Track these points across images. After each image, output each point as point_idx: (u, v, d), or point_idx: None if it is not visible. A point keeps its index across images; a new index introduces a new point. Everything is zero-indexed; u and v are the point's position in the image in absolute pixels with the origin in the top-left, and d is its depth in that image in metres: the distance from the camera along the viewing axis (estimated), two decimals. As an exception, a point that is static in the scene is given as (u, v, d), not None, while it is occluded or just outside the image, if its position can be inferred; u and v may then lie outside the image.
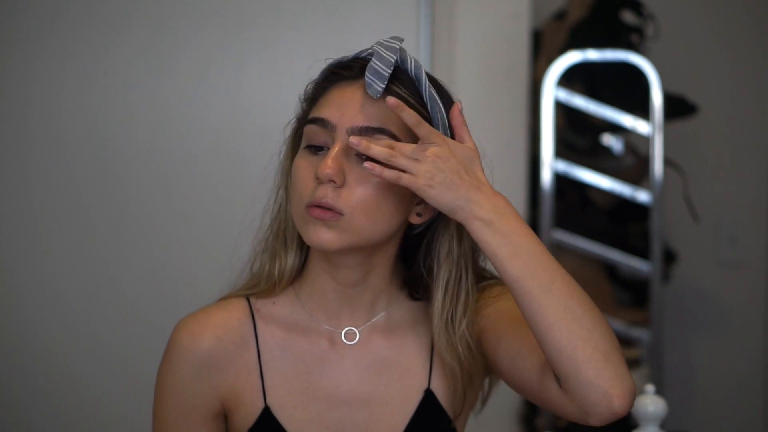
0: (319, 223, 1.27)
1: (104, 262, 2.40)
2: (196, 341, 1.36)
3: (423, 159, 1.24)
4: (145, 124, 2.41)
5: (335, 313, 1.37)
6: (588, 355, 1.22)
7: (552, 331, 1.22)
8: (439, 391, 1.38)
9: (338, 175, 1.26)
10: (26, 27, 2.36)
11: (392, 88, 1.28)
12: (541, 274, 1.24)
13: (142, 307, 2.42)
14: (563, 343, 1.22)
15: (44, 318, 2.40)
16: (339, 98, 1.29)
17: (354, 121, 1.27)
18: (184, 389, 1.36)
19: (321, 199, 1.26)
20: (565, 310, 1.23)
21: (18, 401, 2.40)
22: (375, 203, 1.27)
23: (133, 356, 2.41)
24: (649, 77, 2.59)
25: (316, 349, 1.36)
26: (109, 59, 2.39)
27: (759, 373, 3.07)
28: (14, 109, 2.38)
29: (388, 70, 1.27)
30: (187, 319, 1.39)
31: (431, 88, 1.30)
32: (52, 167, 2.39)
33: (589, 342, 1.22)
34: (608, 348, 1.23)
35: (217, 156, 2.42)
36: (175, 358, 1.37)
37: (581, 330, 1.22)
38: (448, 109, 1.32)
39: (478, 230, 1.24)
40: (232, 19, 2.42)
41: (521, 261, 1.24)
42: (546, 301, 1.23)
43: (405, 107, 1.24)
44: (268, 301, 1.38)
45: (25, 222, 2.39)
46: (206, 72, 2.42)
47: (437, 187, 1.23)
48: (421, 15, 2.46)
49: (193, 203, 2.43)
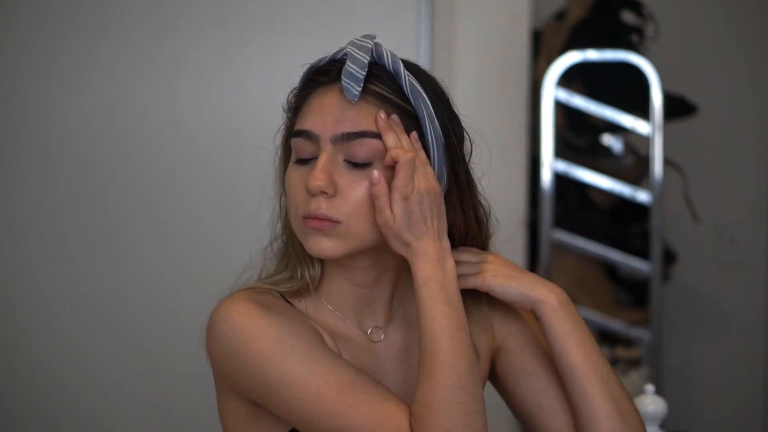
0: (318, 233, 1.27)
1: (107, 262, 2.41)
2: (257, 303, 1.27)
3: (482, 260, 1.34)
4: (149, 125, 2.41)
5: (357, 314, 1.36)
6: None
7: (602, 422, 1.30)
8: None
9: (328, 186, 1.26)
10: (36, 29, 2.36)
11: (370, 87, 1.27)
12: (601, 366, 1.32)
13: (145, 305, 2.42)
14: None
15: (44, 318, 2.40)
16: (320, 107, 1.28)
17: (336, 129, 1.26)
18: (292, 328, 1.26)
19: (315, 211, 1.26)
20: (616, 405, 1.31)
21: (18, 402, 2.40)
22: (369, 206, 1.27)
23: (134, 356, 2.42)
24: (649, 77, 2.59)
25: (350, 348, 1.34)
26: (113, 61, 2.40)
27: (759, 373, 3.07)
28: (18, 109, 2.38)
29: (362, 72, 1.26)
30: (224, 302, 1.28)
31: (411, 79, 1.28)
32: (55, 167, 2.39)
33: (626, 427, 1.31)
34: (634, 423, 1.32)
35: (219, 156, 2.43)
36: (254, 322, 1.25)
37: (626, 426, 1.31)
38: (434, 97, 1.31)
39: (547, 315, 1.32)
40: (234, 21, 2.43)
41: (586, 349, 1.32)
42: (602, 392, 1.31)
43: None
44: (298, 301, 1.36)
45: (26, 221, 2.39)
46: (209, 73, 2.43)
47: (501, 278, 1.34)
48: (421, 15, 2.46)
49: (196, 203, 2.43)
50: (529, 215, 2.62)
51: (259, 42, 2.44)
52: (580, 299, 2.70)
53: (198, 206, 2.43)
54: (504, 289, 1.33)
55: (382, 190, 1.25)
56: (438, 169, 1.30)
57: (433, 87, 1.32)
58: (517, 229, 2.54)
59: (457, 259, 1.33)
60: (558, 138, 2.66)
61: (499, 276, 1.33)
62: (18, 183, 2.39)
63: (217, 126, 2.43)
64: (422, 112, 1.28)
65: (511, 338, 1.39)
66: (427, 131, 1.29)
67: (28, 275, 2.40)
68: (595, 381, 1.31)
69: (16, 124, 2.38)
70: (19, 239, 2.39)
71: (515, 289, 1.33)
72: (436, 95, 1.31)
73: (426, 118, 1.28)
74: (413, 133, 1.28)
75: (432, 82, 1.33)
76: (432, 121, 1.29)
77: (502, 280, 1.33)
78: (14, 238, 2.39)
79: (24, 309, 2.40)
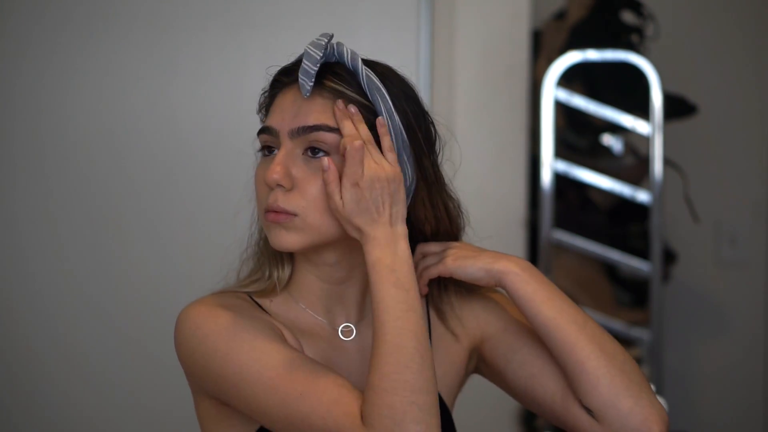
0: (278, 226, 1.30)
1: (103, 263, 2.41)
2: (221, 305, 1.31)
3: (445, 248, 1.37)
4: (145, 126, 2.41)
5: (328, 310, 1.38)
6: (626, 384, 1.30)
7: (588, 362, 1.30)
8: (439, 386, 1.37)
9: (285, 179, 1.29)
10: (32, 29, 2.36)
11: (327, 84, 1.30)
12: (575, 315, 1.33)
13: (141, 306, 2.42)
14: (600, 372, 1.30)
15: (41, 319, 2.40)
16: (281, 104, 1.32)
17: (292, 123, 1.30)
18: (248, 324, 1.29)
19: (273, 204, 1.30)
20: (599, 345, 1.31)
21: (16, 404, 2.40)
22: (326, 199, 1.29)
23: (130, 357, 2.42)
24: (648, 77, 2.59)
25: (318, 345, 1.36)
26: (111, 59, 2.39)
27: (759, 373, 3.07)
28: (12, 110, 2.38)
29: (314, 68, 1.29)
30: (189, 306, 1.34)
31: (370, 74, 1.31)
32: (50, 168, 2.39)
33: (624, 373, 1.31)
34: (641, 380, 1.32)
35: (218, 153, 2.43)
36: (212, 321, 1.29)
37: (615, 362, 1.31)
38: (395, 92, 1.32)
39: (511, 282, 1.33)
40: (233, 20, 2.43)
41: (556, 303, 1.33)
42: (581, 337, 1.31)
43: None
44: (266, 300, 1.38)
45: (21, 222, 2.39)
46: (207, 72, 2.43)
47: (461, 260, 1.35)
48: (421, 15, 2.46)
49: (194, 202, 2.43)
50: (529, 215, 2.62)
51: (259, 42, 2.44)
52: (580, 299, 2.71)
53: (195, 208, 2.43)
54: (465, 270, 1.35)
55: (332, 177, 1.27)
56: (400, 162, 1.31)
57: (396, 83, 1.34)
58: (517, 229, 2.54)
59: (422, 252, 1.38)
60: (558, 138, 2.66)
61: (459, 258, 1.35)
62: (12, 185, 2.38)
63: (215, 127, 2.43)
64: (380, 106, 1.30)
65: (490, 326, 1.41)
66: (386, 124, 1.31)
67: (24, 277, 2.39)
68: (571, 328, 1.31)
69: (10, 125, 2.38)
70: (14, 241, 2.39)
71: (475, 266, 1.34)
72: (398, 90, 1.33)
73: (384, 112, 1.30)
74: (379, 118, 1.30)
75: (397, 80, 1.35)
76: (391, 116, 1.31)
77: (462, 261, 1.35)
78: (10, 240, 2.39)
79: (20, 311, 2.40)
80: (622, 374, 1.30)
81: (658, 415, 1.30)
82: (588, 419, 1.32)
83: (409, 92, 1.35)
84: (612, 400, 1.29)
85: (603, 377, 1.30)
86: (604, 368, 1.30)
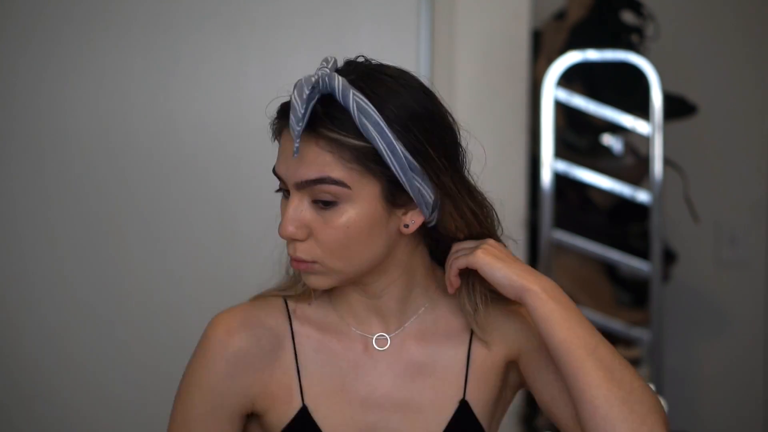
0: (305, 272, 1.32)
1: (100, 266, 2.41)
2: (233, 338, 1.35)
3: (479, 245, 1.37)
4: (145, 127, 2.41)
5: (365, 320, 1.38)
6: (624, 415, 1.27)
7: (588, 390, 1.28)
8: (474, 401, 1.38)
9: (298, 233, 1.29)
10: (31, 29, 2.36)
11: (322, 131, 1.25)
12: (588, 339, 1.30)
13: (139, 309, 2.42)
14: (599, 402, 1.27)
15: (38, 322, 2.40)
16: (284, 151, 1.30)
17: (296, 176, 1.28)
18: (216, 386, 1.36)
19: (293, 255, 1.31)
20: (606, 372, 1.29)
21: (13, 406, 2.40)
22: (342, 244, 1.28)
23: (128, 361, 2.42)
24: (648, 77, 2.59)
25: (350, 352, 1.37)
26: (109, 60, 2.39)
27: (759, 373, 3.07)
28: (11, 110, 2.38)
29: (297, 127, 1.23)
30: (224, 314, 1.38)
31: (365, 106, 1.25)
32: (49, 169, 2.39)
33: (626, 403, 1.27)
34: (645, 411, 1.28)
35: (216, 155, 2.43)
36: (210, 354, 1.36)
37: (620, 391, 1.28)
38: (394, 118, 1.26)
39: (531, 300, 1.31)
40: (232, 19, 2.43)
41: (570, 325, 1.31)
42: (588, 363, 1.29)
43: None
44: (303, 304, 1.39)
45: (19, 224, 2.39)
46: (206, 71, 2.43)
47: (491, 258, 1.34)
48: (421, 15, 2.46)
49: (192, 202, 2.43)
50: (529, 215, 2.62)
51: (258, 42, 2.44)
52: (580, 299, 2.70)
53: (192, 210, 2.43)
54: (492, 269, 1.33)
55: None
56: (414, 192, 1.29)
57: (404, 104, 1.27)
58: (517, 229, 2.54)
59: (456, 248, 1.36)
60: (558, 138, 2.66)
61: (490, 255, 1.33)
62: (10, 186, 2.38)
63: (213, 128, 2.43)
64: (378, 144, 1.25)
65: (529, 341, 1.39)
66: (388, 162, 1.26)
67: (21, 279, 2.39)
68: (579, 353, 1.29)
69: (8, 126, 2.38)
70: (11, 242, 2.39)
71: (502, 272, 1.32)
72: (401, 113, 1.27)
73: (385, 148, 1.25)
74: None
75: (405, 98, 1.28)
76: (392, 150, 1.26)
77: (492, 259, 1.33)
78: (7, 241, 2.39)
79: (18, 313, 2.40)
80: (622, 404, 1.27)
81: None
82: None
83: (417, 109, 1.29)
84: (607, 430, 1.27)
85: (601, 407, 1.27)
86: (603, 397, 1.27)
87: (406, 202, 1.30)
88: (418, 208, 1.31)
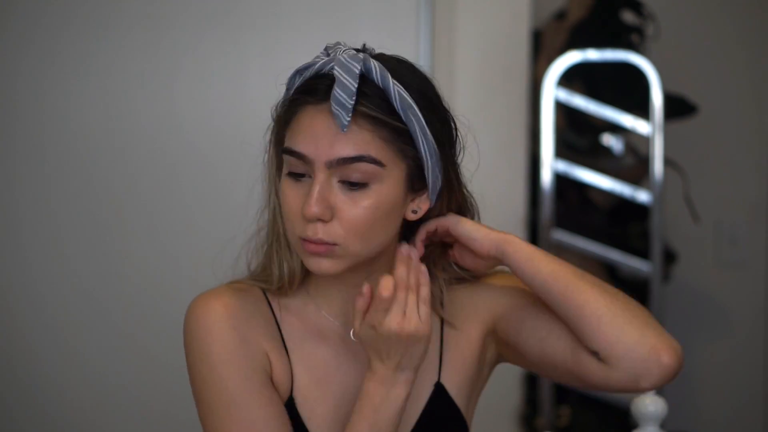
0: (317, 255, 1.28)
1: (104, 263, 2.41)
2: (228, 306, 1.33)
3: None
4: (146, 125, 2.41)
5: (343, 312, 1.37)
6: (628, 319, 1.28)
7: (588, 305, 1.29)
8: (449, 384, 1.38)
9: (324, 213, 1.26)
10: (33, 29, 2.36)
11: (361, 109, 1.25)
12: (574, 268, 1.33)
13: (143, 305, 2.42)
14: (601, 312, 1.28)
15: (42, 319, 2.40)
16: (310, 128, 1.27)
17: (330, 154, 1.25)
18: (236, 352, 1.31)
19: (313, 237, 1.27)
20: (601, 288, 1.31)
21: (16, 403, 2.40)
22: (368, 225, 1.27)
23: (131, 356, 2.42)
24: (649, 77, 2.59)
25: (330, 344, 1.37)
26: (112, 60, 2.39)
27: (759, 372, 3.07)
28: (14, 109, 2.38)
29: (350, 101, 1.23)
30: (204, 294, 1.36)
31: (401, 91, 1.26)
32: (52, 168, 2.39)
33: (627, 311, 1.29)
34: (646, 316, 1.30)
35: (219, 154, 2.43)
36: (216, 328, 1.31)
37: (617, 302, 1.30)
38: (424, 104, 1.29)
39: (510, 245, 1.33)
40: (234, 20, 2.43)
41: (555, 260, 1.33)
42: (581, 283, 1.30)
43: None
44: (281, 298, 1.38)
45: (23, 222, 2.39)
46: (207, 73, 2.43)
47: (461, 221, 1.36)
48: (421, 15, 2.46)
49: (196, 202, 2.43)
50: (529, 215, 2.62)
51: (259, 42, 2.44)
52: (580, 299, 2.70)
53: (197, 207, 2.43)
54: (464, 225, 1.34)
55: (360, 305, 1.29)
56: (432, 178, 1.30)
57: (422, 91, 1.30)
58: (517, 229, 2.54)
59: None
60: (558, 138, 2.66)
61: (461, 219, 1.35)
62: (14, 184, 2.38)
63: (216, 127, 2.43)
64: (413, 126, 1.27)
65: (499, 306, 1.40)
66: (420, 146, 1.28)
67: (25, 276, 2.40)
68: (570, 277, 1.31)
69: (12, 125, 2.38)
70: (15, 240, 2.39)
71: (475, 226, 1.34)
72: (425, 101, 1.29)
73: (418, 131, 1.27)
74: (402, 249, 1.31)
75: (421, 84, 1.31)
76: (424, 134, 1.28)
77: (463, 221, 1.35)
78: (11, 239, 2.39)
79: (21, 309, 2.40)
80: (624, 311, 1.29)
81: (667, 344, 1.28)
82: (598, 366, 1.29)
83: (433, 98, 1.31)
84: (616, 335, 1.27)
85: (604, 315, 1.28)
86: (604, 308, 1.28)
87: (421, 188, 1.31)
88: (425, 195, 1.32)
